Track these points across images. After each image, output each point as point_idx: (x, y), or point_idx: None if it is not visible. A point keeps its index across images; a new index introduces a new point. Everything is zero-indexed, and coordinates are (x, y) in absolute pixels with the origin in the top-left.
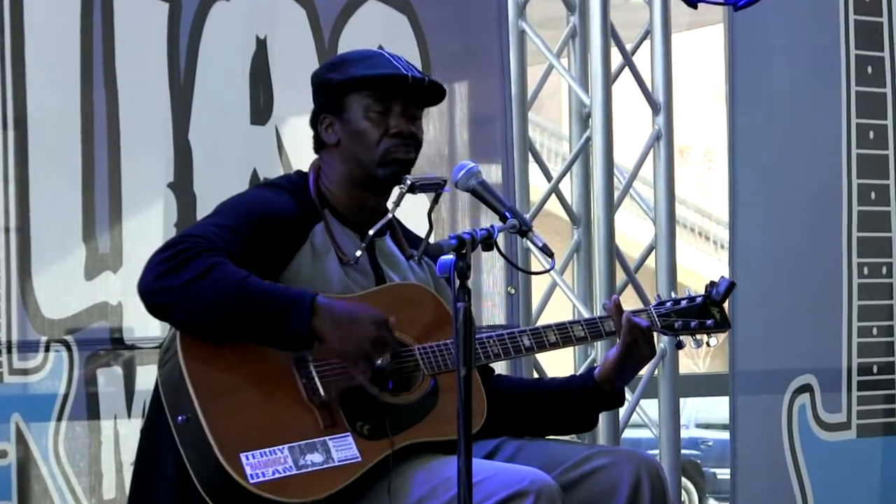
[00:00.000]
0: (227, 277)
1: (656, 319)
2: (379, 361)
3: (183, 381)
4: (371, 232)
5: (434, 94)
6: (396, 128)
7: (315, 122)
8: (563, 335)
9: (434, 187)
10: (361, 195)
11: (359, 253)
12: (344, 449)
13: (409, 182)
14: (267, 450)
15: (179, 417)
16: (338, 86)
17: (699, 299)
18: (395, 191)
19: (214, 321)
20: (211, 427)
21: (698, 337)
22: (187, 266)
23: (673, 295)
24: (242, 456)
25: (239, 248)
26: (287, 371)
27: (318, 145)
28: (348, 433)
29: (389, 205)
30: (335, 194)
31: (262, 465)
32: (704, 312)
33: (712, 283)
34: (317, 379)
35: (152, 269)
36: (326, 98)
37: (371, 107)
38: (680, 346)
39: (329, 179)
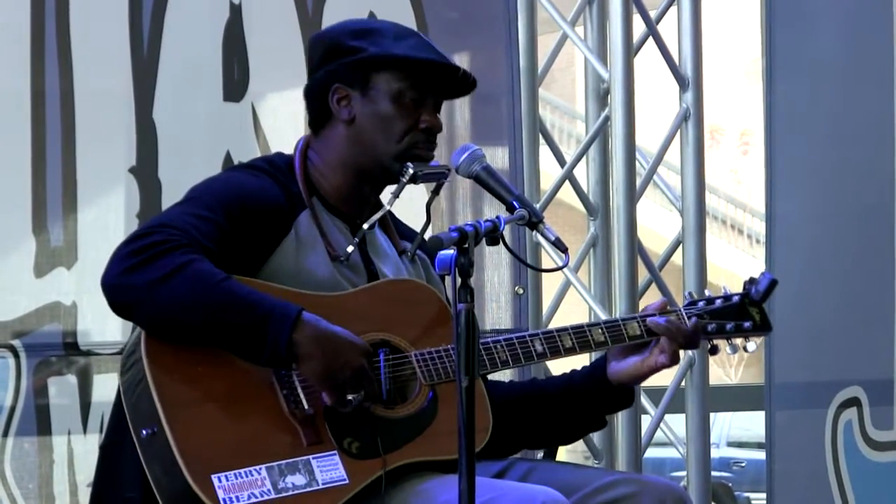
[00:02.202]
0: (203, 277)
1: (686, 322)
2: (351, 397)
3: (147, 390)
4: (366, 226)
5: (465, 90)
6: (427, 123)
7: (321, 91)
8: (580, 340)
9: (437, 177)
10: (358, 184)
11: (350, 248)
12: (329, 469)
13: (411, 171)
14: (242, 470)
15: (144, 430)
16: (369, 59)
17: (736, 298)
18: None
19: (185, 325)
20: (179, 443)
21: (734, 341)
22: (158, 261)
23: (707, 293)
24: (214, 477)
25: (217, 240)
26: (266, 381)
27: (319, 120)
28: (334, 452)
29: (387, 195)
30: (328, 179)
31: (237, 488)
32: (742, 313)
33: (751, 280)
34: (300, 390)
35: (119, 263)
36: (347, 68)
37: (404, 92)
38: (714, 351)
39: (323, 161)
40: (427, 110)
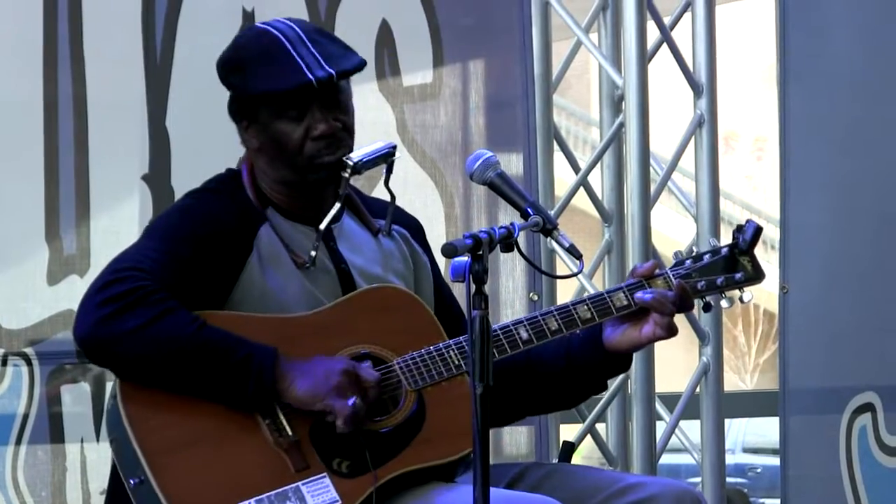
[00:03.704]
0: (180, 326)
1: (674, 284)
2: (351, 401)
3: (128, 439)
4: (321, 227)
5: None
6: (318, 130)
7: (233, 121)
8: (565, 319)
9: (383, 159)
10: (302, 193)
11: (313, 253)
12: (321, 493)
13: (351, 163)
14: None
15: (132, 480)
16: (243, 98)
17: (724, 251)
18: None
19: (165, 374)
20: (165, 490)
21: (729, 294)
22: (134, 310)
23: (695, 250)
24: None
25: (182, 275)
26: (247, 414)
27: (244, 143)
28: (324, 474)
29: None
30: (276, 192)
31: None
32: (732, 265)
33: (739, 229)
34: (282, 417)
35: (91, 313)
36: (234, 104)
37: (283, 112)
38: (707, 308)
39: (264, 179)
40: (314, 119)
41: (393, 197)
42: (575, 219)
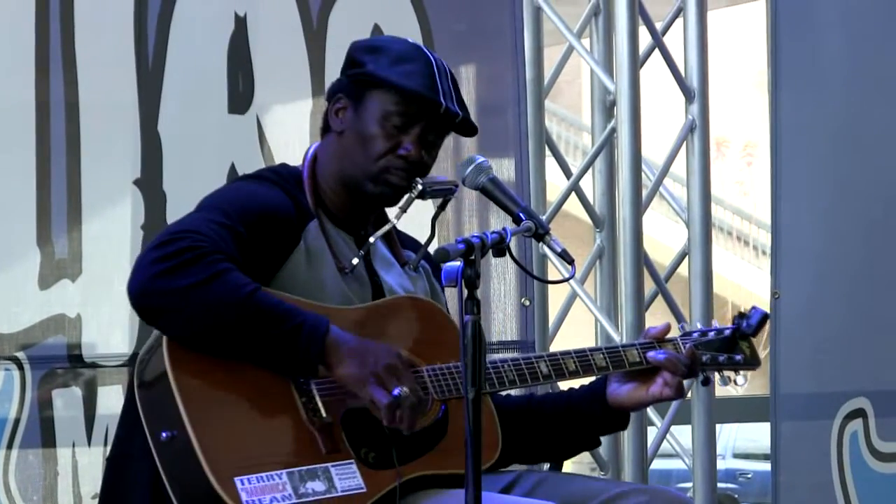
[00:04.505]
0: (235, 287)
1: (683, 349)
2: (397, 391)
3: (169, 391)
4: (372, 239)
5: (464, 129)
6: (407, 151)
7: (329, 99)
8: (583, 363)
9: (445, 192)
10: (352, 198)
11: (355, 261)
12: (347, 478)
13: (419, 187)
14: (264, 474)
15: (164, 433)
16: (365, 76)
17: (728, 332)
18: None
19: (216, 334)
20: (202, 445)
21: (726, 373)
22: (190, 268)
23: (699, 326)
24: (237, 480)
25: (238, 249)
26: (285, 387)
27: (325, 126)
28: (352, 461)
29: (394, 210)
30: (330, 193)
31: (259, 492)
32: (733, 346)
33: (741, 315)
34: (318, 398)
35: (148, 268)
36: (349, 80)
37: (390, 116)
38: (706, 382)
39: (323, 172)
40: (410, 138)
41: (432, 235)
42: (566, 224)
